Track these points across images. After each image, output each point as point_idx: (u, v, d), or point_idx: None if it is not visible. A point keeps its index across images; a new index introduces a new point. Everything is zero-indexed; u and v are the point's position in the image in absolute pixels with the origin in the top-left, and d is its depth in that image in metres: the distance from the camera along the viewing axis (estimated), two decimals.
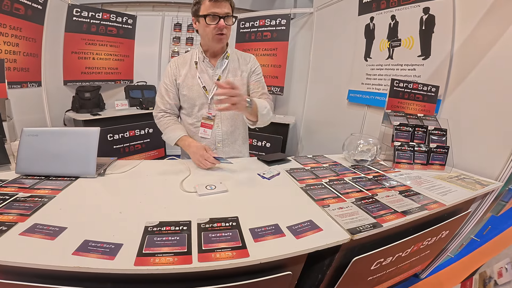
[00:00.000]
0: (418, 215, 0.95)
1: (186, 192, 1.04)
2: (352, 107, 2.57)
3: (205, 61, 1.39)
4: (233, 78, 1.42)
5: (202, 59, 1.40)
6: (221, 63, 1.40)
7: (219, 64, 1.40)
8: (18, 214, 0.80)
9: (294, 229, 0.81)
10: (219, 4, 1.20)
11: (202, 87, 1.39)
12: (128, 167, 1.25)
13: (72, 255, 0.65)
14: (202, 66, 1.40)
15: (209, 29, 1.25)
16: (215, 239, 0.74)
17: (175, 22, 3.78)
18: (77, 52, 3.17)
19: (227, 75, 1.42)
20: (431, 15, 1.77)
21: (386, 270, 1.14)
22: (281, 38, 3.32)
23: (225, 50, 1.41)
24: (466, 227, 1.47)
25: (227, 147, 1.48)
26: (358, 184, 1.19)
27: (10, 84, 2.36)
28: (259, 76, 1.51)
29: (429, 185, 1.24)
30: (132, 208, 0.90)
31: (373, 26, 2.26)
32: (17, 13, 2.38)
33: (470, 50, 1.56)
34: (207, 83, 1.39)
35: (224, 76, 1.41)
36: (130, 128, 3.28)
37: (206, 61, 1.39)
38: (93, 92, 3.16)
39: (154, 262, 0.64)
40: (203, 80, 1.39)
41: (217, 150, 1.47)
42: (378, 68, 2.22)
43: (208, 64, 1.40)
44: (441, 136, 1.52)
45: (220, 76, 1.40)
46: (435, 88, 1.64)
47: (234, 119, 1.46)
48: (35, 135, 1.08)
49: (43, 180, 1.05)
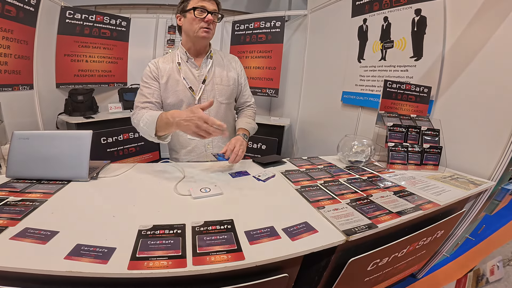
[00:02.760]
0: (413, 215, 0.96)
1: (180, 195, 1.03)
2: (346, 108, 2.58)
3: (189, 61, 1.37)
4: (220, 78, 1.42)
5: (185, 60, 1.37)
6: (205, 63, 1.39)
7: (204, 64, 1.39)
8: (9, 218, 0.79)
9: (290, 231, 0.81)
10: None
11: (188, 88, 1.36)
12: (122, 170, 1.24)
13: (64, 259, 0.63)
14: (186, 67, 1.37)
15: (196, 23, 1.25)
16: (210, 242, 0.73)
17: (170, 24, 3.76)
18: (70, 54, 3.14)
19: (213, 75, 1.40)
20: (422, 16, 1.80)
21: (382, 271, 1.14)
22: (275, 40, 3.33)
23: (209, 49, 1.41)
24: (461, 226, 1.49)
25: (217, 148, 1.48)
26: (353, 185, 1.19)
27: (1, 87, 2.34)
28: (246, 81, 1.56)
29: (423, 185, 1.25)
30: (125, 211, 0.89)
31: (366, 28, 2.28)
32: (9, 15, 2.34)
33: (461, 51, 1.58)
34: (193, 83, 1.37)
35: (210, 76, 1.40)
36: (124, 131, 3.25)
37: (191, 61, 1.37)
38: (86, 95, 3.13)
39: (148, 266, 0.63)
40: (188, 81, 1.36)
41: (206, 152, 1.46)
42: (371, 69, 2.24)
43: (192, 64, 1.38)
44: (434, 137, 1.53)
45: (206, 76, 1.38)
46: (427, 89, 1.66)
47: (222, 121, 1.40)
48: (26, 138, 1.06)
49: (35, 183, 1.03)
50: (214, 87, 1.40)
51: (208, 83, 1.39)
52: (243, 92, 1.57)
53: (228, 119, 1.51)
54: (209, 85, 1.39)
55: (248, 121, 1.50)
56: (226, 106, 1.46)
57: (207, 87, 1.38)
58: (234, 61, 1.51)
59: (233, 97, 1.53)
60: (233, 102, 1.55)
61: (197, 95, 1.36)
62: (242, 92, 1.56)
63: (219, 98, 1.42)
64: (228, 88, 1.45)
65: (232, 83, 1.46)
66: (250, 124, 1.49)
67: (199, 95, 1.36)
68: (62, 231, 0.74)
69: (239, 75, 1.51)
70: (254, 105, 1.64)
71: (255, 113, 1.63)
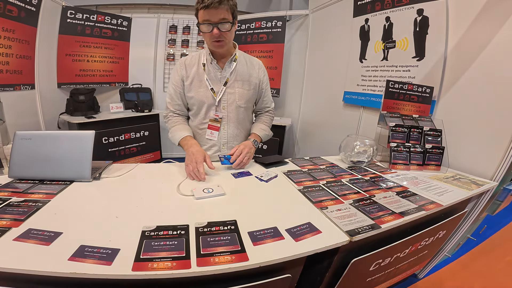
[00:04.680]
0: (415, 215, 0.96)
1: (183, 195, 1.03)
2: (348, 108, 2.58)
3: (213, 63, 1.38)
4: (241, 82, 1.43)
5: (210, 61, 1.38)
6: (229, 66, 1.40)
7: (227, 66, 1.40)
8: (12, 219, 0.79)
9: (293, 231, 0.81)
10: (211, 11, 1.15)
11: (210, 89, 1.39)
12: (124, 170, 1.24)
13: (68, 260, 0.63)
14: (209, 68, 1.39)
15: (206, 36, 1.25)
16: (214, 243, 0.73)
17: (171, 24, 3.76)
18: (71, 54, 3.14)
19: (235, 78, 1.42)
20: (425, 16, 1.79)
21: (385, 271, 1.14)
22: (277, 40, 3.33)
23: (233, 52, 1.40)
24: (463, 226, 1.48)
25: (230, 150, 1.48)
26: (355, 186, 1.19)
27: (2, 87, 2.34)
28: (267, 86, 1.58)
29: (426, 185, 1.24)
30: (128, 212, 0.89)
31: (368, 28, 2.28)
32: (10, 15, 2.35)
33: (463, 51, 1.58)
34: (215, 85, 1.39)
35: (232, 79, 1.41)
36: (125, 131, 3.25)
37: (214, 63, 1.38)
38: (88, 94, 3.13)
39: (152, 267, 0.63)
40: (211, 82, 1.39)
41: (221, 152, 1.49)
42: (373, 69, 2.24)
43: (216, 67, 1.39)
44: (436, 137, 1.53)
45: (228, 78, 1.40)
46: (429, 89, 1.65)
47: (240, 123, 1.49)
48: (28, 138, 1.07)
49: (37, 184, 1.03)
50: (235, 90, 1.42)
51: (229, 85, 1.41)
52: (263, 97, 1.58)
53: (245, 122, 1.54)
54: (230, 87, 1.41)
55: (263, 127, 1.55)
56: (244, 110, 1.48)
57: (228, 90, 1.41)
58: (258, 66, 1.51)
59: (253, 101, 1.55)
60: (252, 106, 1.57)
61: (218, 96, 1.39)
62: (262, 97, 1.57)
63: (239, 102, 1.44)
64: (248, 92, 1.46)
65: (253, 87, 1.47)
66: (264, 131, 1.54)
67: (220, 97, 1.40)
68: (66, 232, 0.74)
69: (261, 80, 1.51)
70: (273, 110, 1.66)
71: (272, 119, 1.65)
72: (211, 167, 1.21)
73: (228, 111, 1.43)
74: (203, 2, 1.14)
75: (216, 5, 1.13)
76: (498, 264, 1.92)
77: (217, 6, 1.14)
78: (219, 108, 1.42)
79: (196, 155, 1.21)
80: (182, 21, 3.78)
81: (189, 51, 3.83)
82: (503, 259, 1.97)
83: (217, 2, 1.13)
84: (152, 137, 3.54)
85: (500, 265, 1.91)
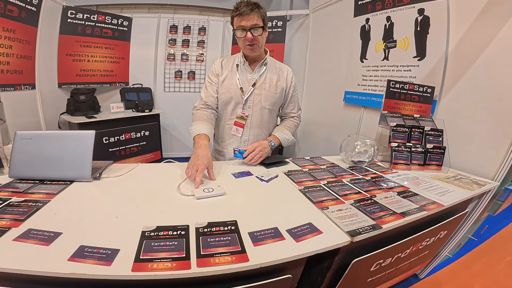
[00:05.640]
0: (417, 216, 0.95)
1: (183, 195, 1.03)
2: (348, 108, 2.57)
3: (245, 65, 1.52)
4: (269, 85, 1.53)
5: (242, 63, 1.52)
6: (259, 69, 1.52)
7: (257, 69, 1.52)
8: (12, 219, 0.79)
9: (294, 232, 0.81)
10: (244, 17, 1.31)
11: (239, 88, 1.50)
12: (124, 170, 1.24)
13: (67, 261, 0.63)
14: (242, 69, 1.53)
15: (241, 41, 1.40)
16: (214, 243, 0.73)
17: (171, 24, 3.76)
18: (72, 54, 3.14)
19: (263, 81, 1.52)
20: (426, 16, 1.79)
21: (385, 271, 1.14)
22: (277, 40, 3.33)
23: (264, 57, 1.53)
24: (464, 226, 1.48)
25: None
26: (356, 186, 1.18)
27: (3, 87, 2.33)
28: (295, 93, 1.66)
29: (427, 185, 1.24)
30: (128, 212, 0.88)
31: (368, 28, 2.27)
32: (11, 15, 2.34)
33: (464, 51, 1.57)
34: (244, 85, 1.51)
35: (261, 81, 1.52)
36: (126, 131, 3.25)
37: (246, 65, 1.52)
38: (88, 94, 3.13)
39: (152, 268, 0.63)
40: (241, 81, 1.51)
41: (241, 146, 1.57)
42: (374, 69, 2.23)
43: (247, 69, 1.52)
44: (437, 137, 1.52)
45: (257, 80, 1.51)
46: (430, 88, 1.65)
47: (263, 124, 1.58)
48: (29, 138, 1.06)
49: (38, 184, 1.03)
50: (261, 91, 1.52)
51: (257, 87, 1.52)
52: (290, 102, 1.66)
53: (269, 125, 1.62)
54: (257, 89, 1.52)
55: (285, 131, 1.60)
56: (269, 112, 1.57)
57: (255, 91, 1.52)
58: (287, 72, 1.60)
59: (278, 105, 1.63)
60: (277, 110, 1.66)
61: (245, 95, 1.51)
62: (288, 101, 1.65)
63: (264, 103, 1.53)
64: (274, 96, 1.55)
65: (279, 91, 1.56)
66: (285, 135, 1.58)
67: (247, 96, 1.51)
68: (66, 232, 0.74)
69: (289, 86, 1.60)
70: (298, 117, 1.72)
71: (296, 125, 1.71)
72: (212, 178, 1.18)
73: (253, 110, 1.53)
74: (237, 10, 1.32)
75: (248, 12, 1.30)
76: (499, 264, 1.91)
77: (249, 13, 1.30)
78: (245, 107, 1.52)
79: (200, 161, 1.16)
80: (182, 21, 3.78)
81: (190, 51, 3.83)
82: (504, 260, 1.97)
83: (249, 10, 1.30)
84: (153, 137, 3.54)
85: (501, 265, 1.90)
